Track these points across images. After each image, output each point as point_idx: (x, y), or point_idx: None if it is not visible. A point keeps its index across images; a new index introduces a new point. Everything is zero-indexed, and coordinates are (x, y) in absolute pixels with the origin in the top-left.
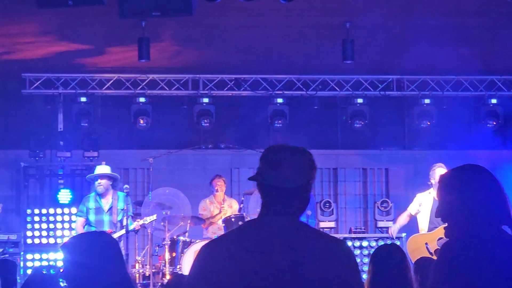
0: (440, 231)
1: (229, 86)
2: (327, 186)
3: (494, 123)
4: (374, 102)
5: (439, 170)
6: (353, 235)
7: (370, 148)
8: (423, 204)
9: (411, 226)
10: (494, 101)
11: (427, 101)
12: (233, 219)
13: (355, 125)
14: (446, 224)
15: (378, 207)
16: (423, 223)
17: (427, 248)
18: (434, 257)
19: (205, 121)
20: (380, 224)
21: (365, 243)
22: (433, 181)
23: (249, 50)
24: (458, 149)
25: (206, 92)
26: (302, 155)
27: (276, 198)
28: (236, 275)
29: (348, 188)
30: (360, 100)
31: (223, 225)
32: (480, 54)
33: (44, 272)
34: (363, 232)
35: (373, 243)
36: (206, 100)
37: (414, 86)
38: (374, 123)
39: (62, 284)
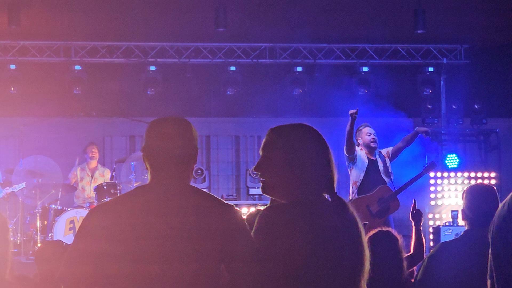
0: (379, 192)
1: (101, 53)
2: (199, 153)
3: (366, 91)
4: (247, 70)
5: (366, 130)
6: None
7: (242, 115)
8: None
9: None
10: (365, 69)
11: (299, 69)
12: (105, 187)
13: (228, 92)
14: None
15: (250, 174)
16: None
17: (369, 210)
18: (377, 219)
19: (77, 88)
20: (252, 191)
21: None
22: (359, 141)
23: (122, 17)
24: (328, 116)
25: (78, 59)
26: (187, 125)
27: (166, 166)
28: (127, 235)
29: (221, 156)
30: (232, 68)
31: (95, 192)
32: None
33: None
34: (235, 199)
35: (245, 210)
36: (78, 67)
37: (286, 54)
38: (247, 91)
39: None
